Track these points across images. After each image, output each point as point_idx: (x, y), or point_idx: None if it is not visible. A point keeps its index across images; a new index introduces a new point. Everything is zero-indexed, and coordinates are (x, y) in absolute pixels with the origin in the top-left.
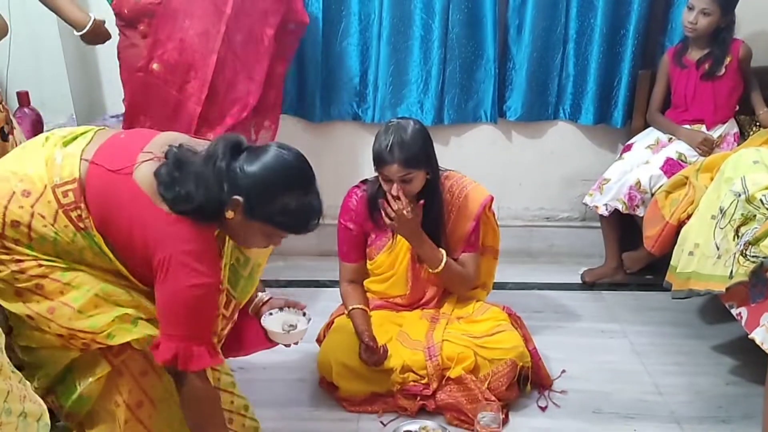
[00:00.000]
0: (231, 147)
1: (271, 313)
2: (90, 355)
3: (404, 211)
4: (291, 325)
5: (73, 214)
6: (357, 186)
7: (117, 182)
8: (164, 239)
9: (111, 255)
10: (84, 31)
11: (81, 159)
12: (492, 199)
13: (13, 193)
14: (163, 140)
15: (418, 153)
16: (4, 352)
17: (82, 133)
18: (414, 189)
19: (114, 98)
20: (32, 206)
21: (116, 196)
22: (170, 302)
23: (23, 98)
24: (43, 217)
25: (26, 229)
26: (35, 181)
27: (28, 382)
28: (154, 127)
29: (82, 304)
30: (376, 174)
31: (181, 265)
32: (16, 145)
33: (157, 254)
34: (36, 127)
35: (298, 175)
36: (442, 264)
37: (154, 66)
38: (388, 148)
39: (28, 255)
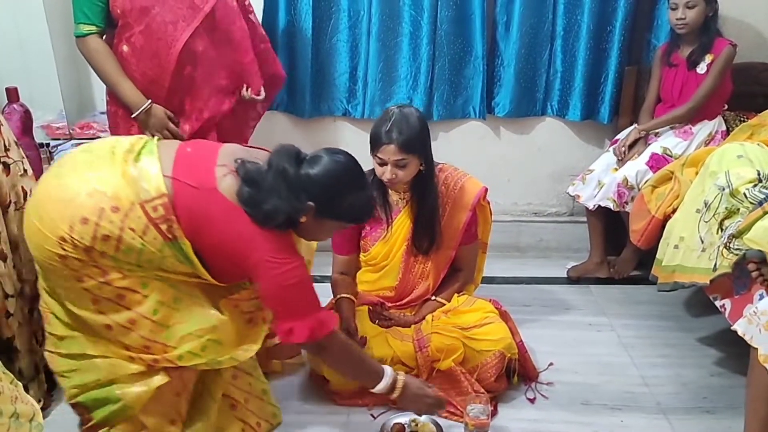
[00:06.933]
0: (294, 157)
1: None
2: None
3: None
4: None
5: (163, 227)
6: None
7: (205, 197)
8: (256, 245)
9: (196, 261)
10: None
11: (163, 176)
12: (486, 190)
13: (103, 209)
14: (228, 152)
15: (417, 139)
16: None
17: (143, 146)
18: (406, 176)
19: (104, 94)
20: (122, 221)
21: (207, 210)
22: (279, 293)
23: (12, 94)
24: (133, 230)
25: (115, 242)
26: (121, 198)
27: (20, 383)
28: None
29: (160, 317)
30: (371, 168)
31: (272, 264)
32: (3, 141)
33: (252, 257)
34: (25, 122)
35: (356, 174)
36: (447, 301)
37: (124, 48)
38: (388, 128)
39: (112, 266)
